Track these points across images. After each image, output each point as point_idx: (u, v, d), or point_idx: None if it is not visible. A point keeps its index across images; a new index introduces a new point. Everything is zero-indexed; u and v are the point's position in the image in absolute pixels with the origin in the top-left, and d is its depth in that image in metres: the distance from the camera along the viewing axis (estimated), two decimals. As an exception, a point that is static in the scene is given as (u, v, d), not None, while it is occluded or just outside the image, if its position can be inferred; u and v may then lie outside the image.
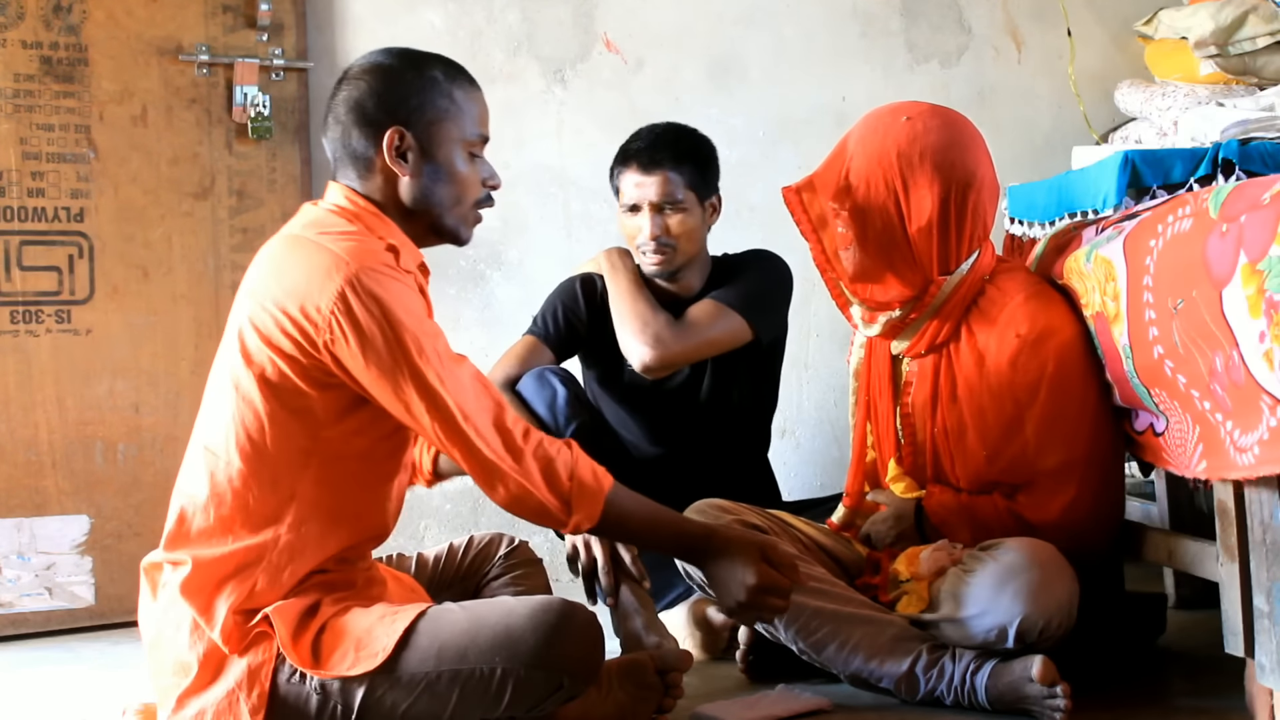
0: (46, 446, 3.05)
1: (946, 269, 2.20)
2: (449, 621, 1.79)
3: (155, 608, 1.87)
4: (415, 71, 1.92)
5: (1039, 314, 2.16)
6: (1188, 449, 1.98)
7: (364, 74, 1.92)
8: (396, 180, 1.91)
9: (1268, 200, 1.72)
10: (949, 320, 2.22)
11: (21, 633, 2.99)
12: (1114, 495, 2.24)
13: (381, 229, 1.89)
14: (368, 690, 1.77)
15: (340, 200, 1.92)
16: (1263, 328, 1.68)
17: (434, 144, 1.91)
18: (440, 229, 1.95)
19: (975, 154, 2.20)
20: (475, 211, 1.98)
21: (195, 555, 1.82)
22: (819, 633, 2.15)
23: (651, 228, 2.65)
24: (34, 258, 3.05)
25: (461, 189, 1.94)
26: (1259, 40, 2.99)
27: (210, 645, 1.80)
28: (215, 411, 1.86)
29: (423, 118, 1.90)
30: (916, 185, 2.16)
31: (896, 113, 2.23)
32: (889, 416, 2.30)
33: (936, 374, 2.24)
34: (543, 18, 3.43)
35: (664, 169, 2.65)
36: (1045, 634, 2.03)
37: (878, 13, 3.61)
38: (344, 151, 1.92)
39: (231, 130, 3.19)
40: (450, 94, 1.93)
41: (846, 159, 2.22)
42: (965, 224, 2.18)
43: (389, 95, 1.89)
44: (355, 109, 1.90)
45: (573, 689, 1.80)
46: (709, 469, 2.73)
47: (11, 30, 3.03)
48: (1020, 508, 2.18)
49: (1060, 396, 2.14)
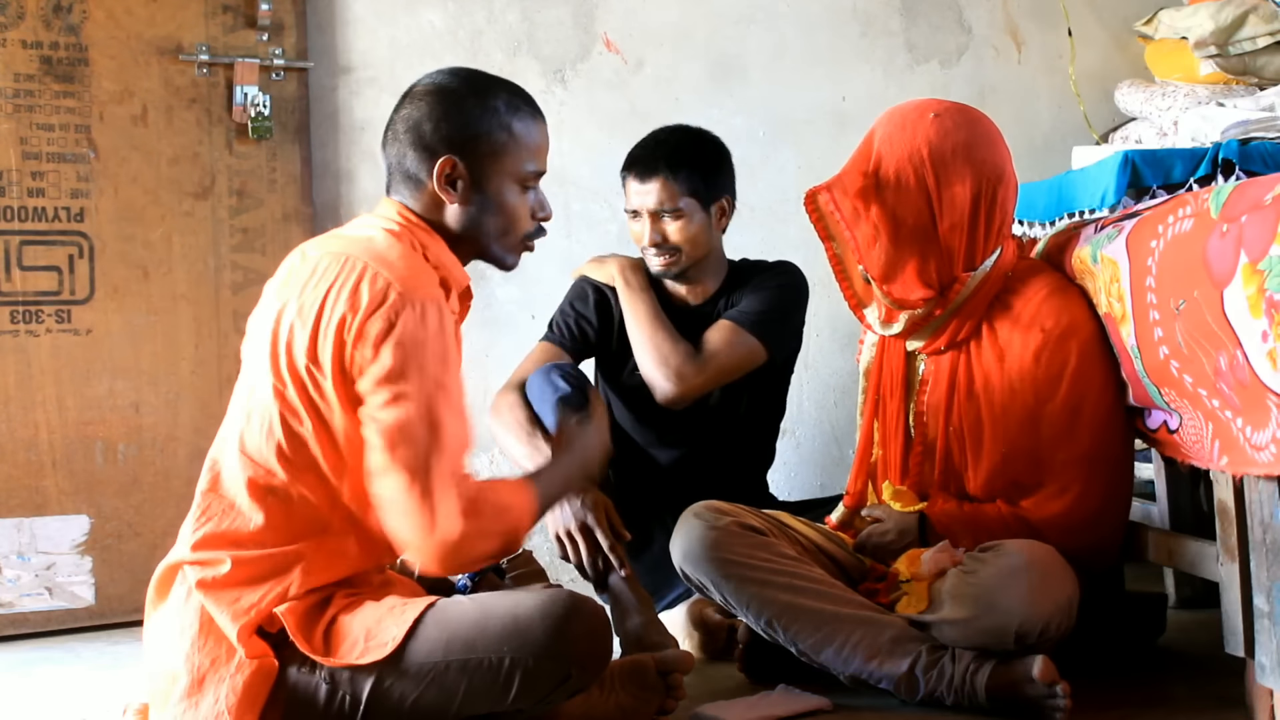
0: (46, 446, 3.05)
1: (972, 265, 2.20)
2: (458, 613, 1.79)
3: (165, 609, 1.86)
4: (476, 99, 1.91)
5: (1063, 310, 2.17)
6: (1205, 444, 1.99)
7: (426, 95, 1.92)
8: (444, 206, 1.91)
9: (1269, 201, 1.72)
10: (971, 317, 2.22)
11: (21, 633, 2.99)
12: (1120, 496, 2.24)
13: (433, 247, 1.90)
14: (376, 680, 1.77)
15: (394, 216, 1.92)
16: (1264, 327, 1.69)
17: (485, 176, 1.91)
18: (486, 255, 1.97)
19: (1002, 150, 2.23)
20: (524, 242, 1.99)
21: (235, 555, 1.81)
22: (818, 634, 2.15)
23: (650, 234, 2.68)
24: (34, 258, 3.05)
25: (509, 221, 1.94)
26: (1259, 40, 2.99)
27: (216, 647, 1.80)
28: (252, 416, 1.85)
29: (477, 149, 1.90)
30: (949, 182, 2.16)
31: (923, 110, 2.22)
32: (899, 415, 2.30)
33: (954, 371, 2.24)
34: (543, 18, 3.43)
35: (659, 176, 2.67)
36: (1045, 635, 2.03)
37: (878, 13, 3.61)
38: (398, 169, 1.93)
39: (231, 130, 3.19)
40: (509, 127, 1.92)
41: (873, 157, 2.21)
42: (994, 220, 2.20)
43: (447, 122, 1.89)
44: (413, 130, 1.90)
45: (580, 680, 1.80)
46: (714, 474, 2.74)
47: (11, 30, 3.03)
48: (1025, 510, 2.18)
49: (1080, 390, 2.14)
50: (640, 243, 2.71)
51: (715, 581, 2.22)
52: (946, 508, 2.22)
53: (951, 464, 2.24)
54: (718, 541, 2.22)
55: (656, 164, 2.68)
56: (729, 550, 2.22)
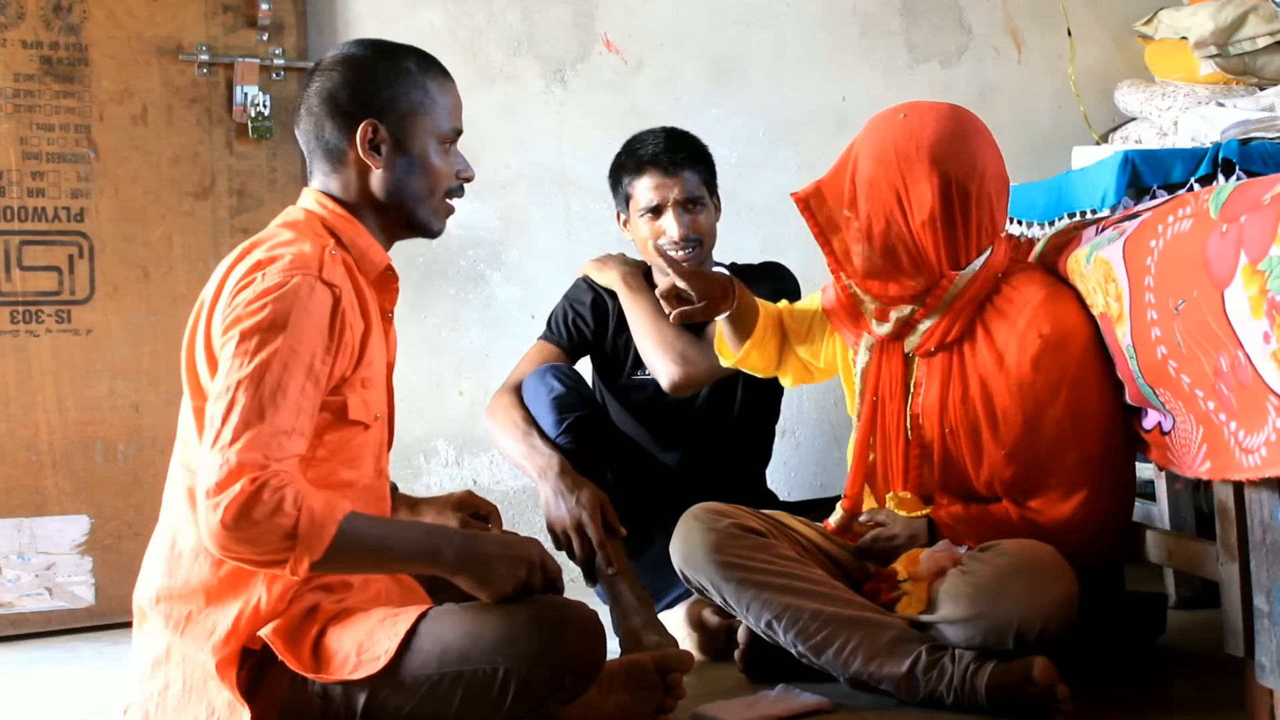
0: (46, 446, 3.05)
1: (957, 264, 2.19)
2: (451, 623, 1.78)
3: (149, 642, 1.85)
4: (389, 63, 1.91)
5: (1060, 314, 2.16)
6: (1191, 449, 1.98)
7: (337, 65, 1.91)
8: (369, 173, 1.90)
9: (1268, 201, 1.72)
10: (961, 317, 2.21)
11: (21, 633, 2.99)
12: (1125, 495, 2.24)
13: (346, 231, 1.89)
14: (370, 694, 1.76)
15: (310, 205, 1.92)
16: (1266, 328, 1.68)
17: (408, 137, 1.90)
18: (413, 221, 1.94)
19: (976, 145, 2.18)
20: (446, 202, 1.97)
21: (205, 586, 1.79)
22: (818, 636, 2.15)
23: (680, 227, 2.67)
24: (34, 258, 3.05)
25: (434, 181, 1.93)
26: (1259, 40, 2.99)
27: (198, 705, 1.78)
28: (183, 426, 1.85)
29: (396, 110, 1.89)
30: (915, 179, 2.15)
31: (894, 112, 2.23)
32: (898, 418, 2.29)
33: (948, 373, 2.23)
34: (543, 18, 3.43)
35: (685, 169, 2.69)
36: (1045, 634, 2.03)
37: (878, 13, 3.61)
38: (317, 144, 1.92)
39: (232, 130, 3.19)
40: (424, 86, 1.92)
41: (851, 163, 2.22)
42: (970, 217, 2.16)
43: (362, 87, 1.88)
44: (328, 100, 1.89)
45: (575, 688, 1.79)
46: (714, 475, 2.74)
47: (11, 30, 3.03)
48: (1032, 512, 2.18)
49: (1080, 394, 2.14)
50: (658, 241, 2.69)
51: (715, 584, 2.22)
52: (953, 510, 2.22)
53: (951, 465, 2.24)
54: (717, 544, 2.22)
55: (680, 156, 2.70)
56: (728, 552, 2.22)
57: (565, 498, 2.47)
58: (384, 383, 1.95)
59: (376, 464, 1.93)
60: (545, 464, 2.54)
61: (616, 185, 2.78)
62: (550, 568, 1.83)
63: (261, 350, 1.70)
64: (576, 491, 2.49)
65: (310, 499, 1.66)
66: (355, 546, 1.70)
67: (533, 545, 1.83)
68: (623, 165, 2.76)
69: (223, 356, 1.73)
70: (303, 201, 1.94)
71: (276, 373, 1.69)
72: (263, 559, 1.65)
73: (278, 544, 1.63)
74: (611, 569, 2.47)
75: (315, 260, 1.78)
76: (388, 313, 1.97)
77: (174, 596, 1.80)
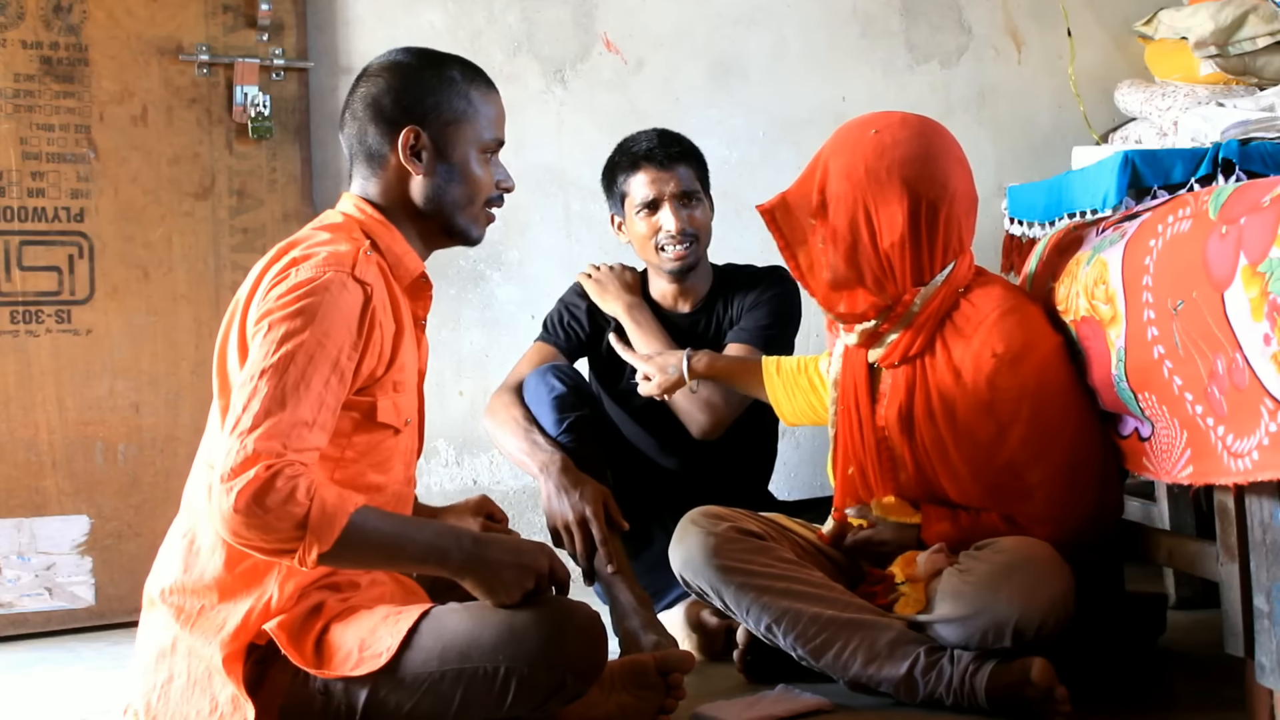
0: (46, 446, 3.05)
1: (920, 280, 2.18)
2: (452, 621, 1.78)
3: (157, 634, 1.85)
4: (434, 71, 1.93)
5: (1015, 331, 2.14)
6: (1173, 454, 1.97)
7: (383, 71, 1.93)
8: (409, 179, 1.92)
9: (1267, 203, 1.72)
10: (922, 332, 2.20)
11: (21, 633, 2.99)
12: (1110, 494, 2.23)
13: (384, 237, 1.90)
14: (371, 691, 1.76)
15: (348, 209, 1.93)
16: (1267, 330, 1.68)
17: (449, 145, 1.92)
18: (451, 229, 1.96)
19: (946, 165, 2.16)
20: (486, 211, 1.99)
21: (220, 581, 1.80)
22: (818, 639, 2.14)
23: (677, 221, 2.69)
24: (34, 258, 3.05)
25: (474, 190, 1.95)
26: (1259, 40, 2.99)
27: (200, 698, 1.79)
28: (213, 425, 1.85)
29: (439, 118, 1.91)
30: (886, 201, 2.13)
31: (865, 126, 2.20)
32: (868, 425, 2.28)
33: (911, 386, 2.22)
34: (543, 18, 3.43)
35: (680, 164, 2.71)
36: (1043, 631, 2.03)
37: (878, 13, 3.61)
38: (359, 148, 1.93)
39: (232, 130, 3.19)
40: (468, 95, 1.94)
41: (819, 175, 2.21)
42: (938, 237, 2.15)
43: (406, 94, 1.90)
44: (372, 106, 1.91)
45: (575, 688, 1.80)
46: (714, 478, 2.74)
47: (11, 30, 3.03)
48: (1020, 524, 2.16)
49: (1043, 410, 2.12)
50: (655, 237, 2.70)
51: (715, 587, 2.22)
52: (941, 528, 2.20)
53: (924, 476, 2.23)
54: (716, 548, 2.22)
55: (674, 151, 2.72)
56: (727, 556, 2.21)
57: (568, 493, 2.47)
58: (415, 389, 1.96)
59: (406, 470, 1.96)
60: (547, 460, 2.54)
61: (611, 185, 2.78)
62: (560, 575, 1.84)
63: (288, 341, 1.72)
64: (579, 488, 2.49)
65: (323, 490, 1.67)
66: (365, 540, 1.71)
67: (543, 553, 1.83)
68: (617, 164, 2.76)
69: (252, 347, 1.75)
70: (341, 206, 1.95)
71: (301, 364, 1.71)
72: (272, 547, 1.66)
73: (288, 532, 1.64)
74: (611, 568, 2.47)
75: (349, 258, 1.80)
76: (420, 320, 1.99)
77: (187, 590, 1.81)
